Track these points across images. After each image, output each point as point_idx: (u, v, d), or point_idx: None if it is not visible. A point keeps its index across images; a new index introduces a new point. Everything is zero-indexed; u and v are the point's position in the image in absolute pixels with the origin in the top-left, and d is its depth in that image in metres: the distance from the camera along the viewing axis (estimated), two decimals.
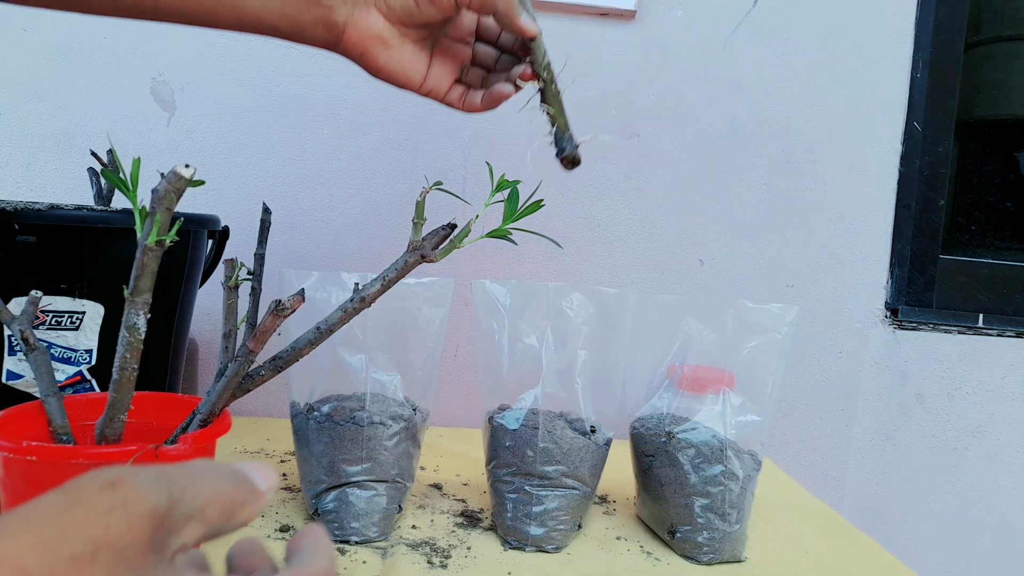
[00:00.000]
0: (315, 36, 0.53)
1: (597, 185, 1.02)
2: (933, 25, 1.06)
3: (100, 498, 0.20)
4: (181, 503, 0.22)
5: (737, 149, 1.04)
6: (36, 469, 0.41)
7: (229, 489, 0.24)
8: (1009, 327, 1.09)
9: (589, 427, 0.64)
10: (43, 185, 0.96)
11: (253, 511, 0.25)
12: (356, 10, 0.52)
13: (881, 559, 0.68)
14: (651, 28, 1.02)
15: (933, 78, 1.06)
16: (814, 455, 1.08)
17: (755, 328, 0.65)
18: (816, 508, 0.80)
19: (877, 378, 1.08)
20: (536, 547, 0.62)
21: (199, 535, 0.23)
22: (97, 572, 0.19)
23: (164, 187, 0.37)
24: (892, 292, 1.08)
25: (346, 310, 0.49)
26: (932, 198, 1.08)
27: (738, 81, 1.03)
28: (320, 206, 1.00)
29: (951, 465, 1.10)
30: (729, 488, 0.63)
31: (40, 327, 0.62)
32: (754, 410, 0.65)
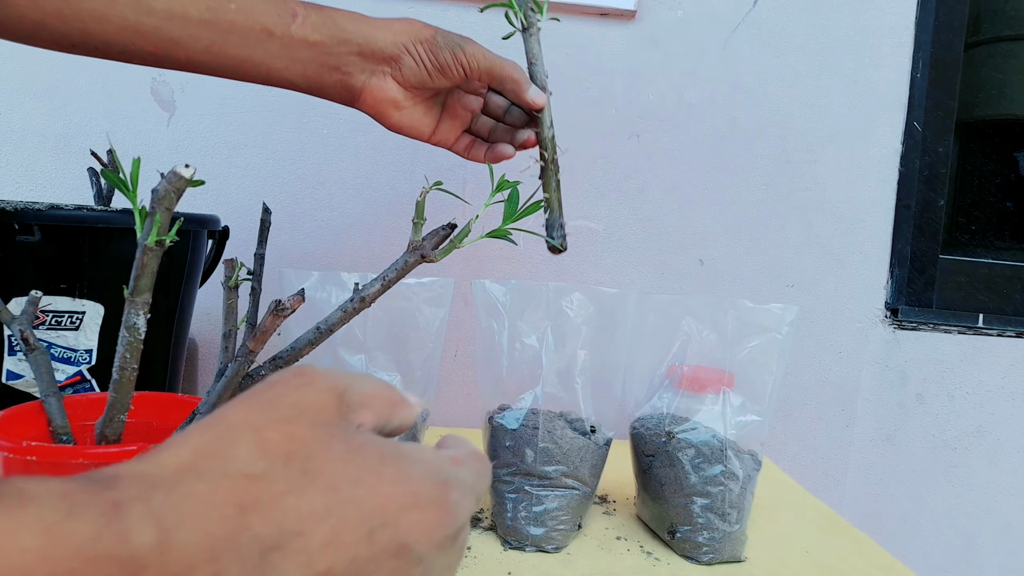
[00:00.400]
0: (333, 95, 0.58)
1: (597, 185, 1.02)
2: (933, 25, 1.06)
3: (293, 380, 0.26)
4: (352, 389, 0.27)
5: (737, 149, 1.04)
6: (36, 469, 0.41)
7: (388, 391, 0.29)
8: (1009, 327, 1.09)
9: (589, 427, 0.64)
10: (43, 185, 0.96)
11: (409, 415, 0.30)
12: (372, 78, 0.57)
13: (881, 559, 0.68)
14: (651, 28, 1.02)
15: (933, 78, 1.06)
16: (814, 455, 1.08)
17: (755, 328, 0.65)
18: (816, 508, 0.80)
19: (877, 378, 1.08)
20: (536, 547, 0.62)
21: (371, 422, 0.28)
22: (302, 427, 0.25)
23: (164, 187, 0.37)
24: (892, 292, 1.08)
25: (346, 310, 0.49)
26: (932, 198, 1.08)
27: (738, 81, 1.03)
28: (320, 206, 1.00)
29: (951, 465, 1.10)
30: (729, 488, 0.63)
31: (40, 327, 0.62)
32: (754, 410, 0.65)
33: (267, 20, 0.53)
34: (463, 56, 0.57)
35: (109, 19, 0.50)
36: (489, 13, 0.81)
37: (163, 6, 0.51)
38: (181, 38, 0.52)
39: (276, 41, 0.54)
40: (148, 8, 0.50)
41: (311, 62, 0.56)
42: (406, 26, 0.57)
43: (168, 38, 0.52)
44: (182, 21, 0.51)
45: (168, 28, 0.51)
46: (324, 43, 0.55)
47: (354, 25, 0.56)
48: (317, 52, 0.55)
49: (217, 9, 0.52)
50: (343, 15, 0.56)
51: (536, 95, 0.58)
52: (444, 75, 0.58)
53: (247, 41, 0.54)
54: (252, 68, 0.55)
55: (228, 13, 0.53)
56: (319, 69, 0.56)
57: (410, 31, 0.57)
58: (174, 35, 0.52)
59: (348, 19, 0.56)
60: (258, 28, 0.53)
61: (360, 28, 0.56)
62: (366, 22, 0.56)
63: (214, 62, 0.54)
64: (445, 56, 0.57)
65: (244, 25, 0.53)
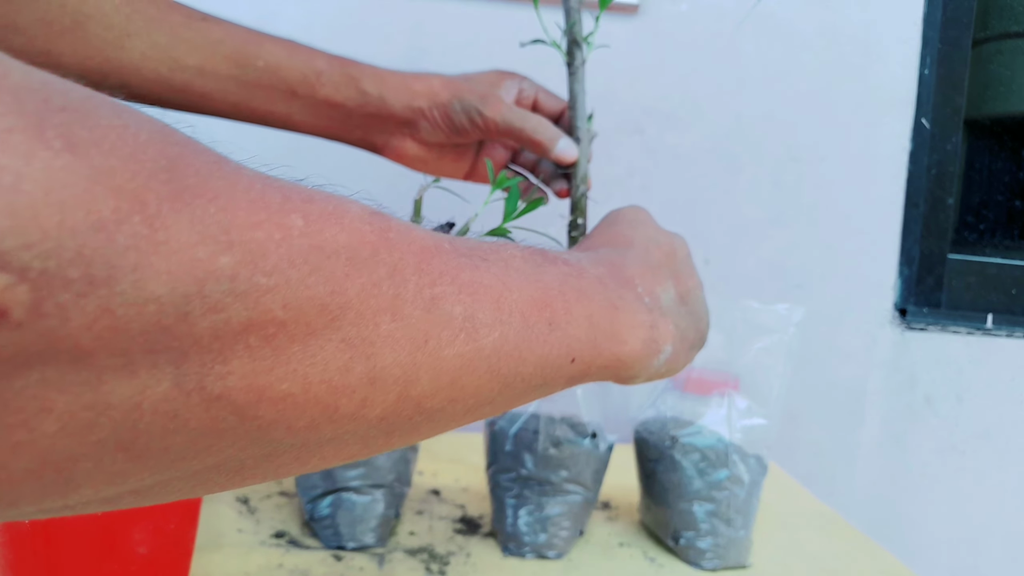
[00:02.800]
0: (357, 146, 0.62)
1: (600, 183, 1.01)
2: (941, 21, 1.05)
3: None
4: None
5: (743, 146, 1.02)
6: None
7: None
8: (1018, 328, 1.08)
9: (591, 431, 0.62)
10: None
11: None
12: (392, 138, 0.60)
13: (889, 564, 0.67)
14: (654, 22, 1.00)
15: (941, 74, 1.05)
16: (821, 459, 1.07)
17: (761, 329, 0.64)
18: (823, 513, 0.79)
19: (885, 380, 1.06)
20: (537, 553, 0.61)
21: None
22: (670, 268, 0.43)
23: None
24: (900, 292, 1.06)
25: None
26: (941, 197, 1.06)
27: (743, 77, 1.02)
28: None
29: (960, 468, 1.08)
30: (734, 493, 0.61)
31: None
32: (760, 413, 0.64)
33: (291, 80, 0.56)
34: (480, 119, 0.58)
35: (144, 74, 0.53)
36: None
37: (194, 62, 0.54)
38: (211, 92, 0.55)
39: (299, 100, 0.57)
40: (180, 64, 0.53)
41: (333, 120, 0.59)
42: (426, 88, 0.59)
43: (199, 92, 0.55)
44: (212, 77, 0.54)
45: (199, 83, 0.54)
46: (344, 105, 0.58)
47: (373, 86, 0.58)
48: (338, 112, 0.58)
49: (245, 66, 0.55)
50: (366, 75, 0.58)
51: (563, 151, 0.58)
52: (462, 137, 0.59)
53: (271, 98, 0.56)
54: (276, 120, 0.58)
55: (255, 71, 0.55)
56: (341, 126, 0.59)
57: (428, 94, 0.58)
58: (205, 89, 0.55)
59: (369, 79, 0.58)
60: (282, 87, 0.56)
61: (379, 90, 0.58)
62: (386, 84, 0.58)
63: (240, 114, 0.57)
64: (461, 120, 0.58)
65: (269, 84, 0.56)
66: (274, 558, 0.56)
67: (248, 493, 0.69)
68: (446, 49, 0.98)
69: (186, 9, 0.56)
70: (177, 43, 0.54)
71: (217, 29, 0.55)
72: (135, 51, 0.52)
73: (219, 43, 0.55)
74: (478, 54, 0.99)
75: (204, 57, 0.54)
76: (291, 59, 0.56)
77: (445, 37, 0.98)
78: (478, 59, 0.99)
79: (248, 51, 0.55)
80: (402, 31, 0.97)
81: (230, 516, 0.63)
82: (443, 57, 0.98)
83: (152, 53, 0.53)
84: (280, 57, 0.56)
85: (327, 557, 0.57)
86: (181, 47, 0.54)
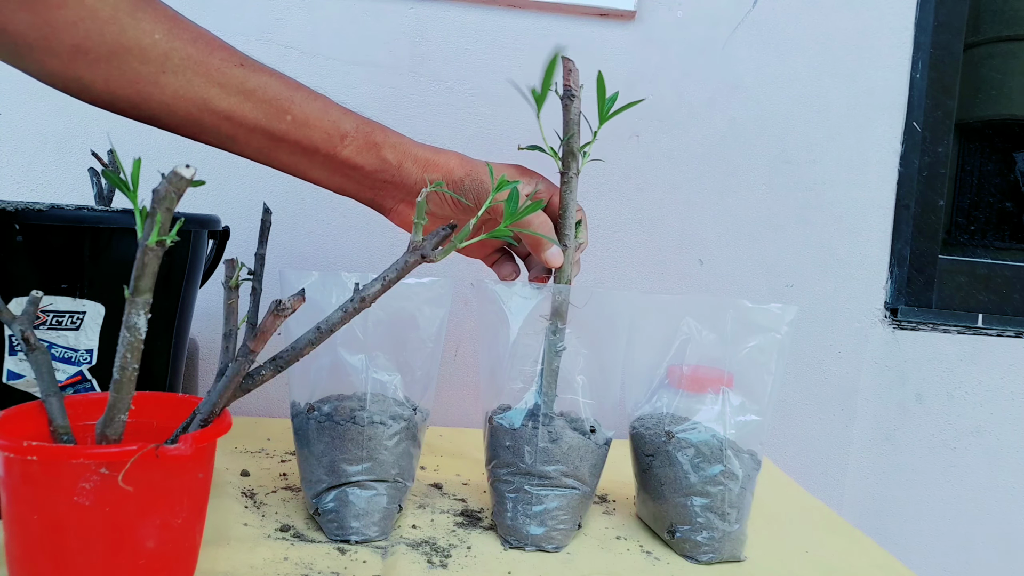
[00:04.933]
0: (365, 204, 0.64)
1: (596, 185, 1.02)
2: (933, 25, 1.06)
3: None
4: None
5: (736, 149, 1.04)
6: (37, 469, 0.41)
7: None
8: (1008, 327, 1.10)
9: (589, 427, 0.64)
10: (44, 185, 0.97)
11: None
12: (400, 204, 0.63)
13: (880, 559, 0.68)
14: (651, 28, 1.02)
15: (932, 78, 1.07)
16: (813, 455, 1.08)
17: (754, 328, 0.65)
18: (815, 508, 0.80)
19: (876, 378, 1.08)
20: (536, 546, 0.62)
21: None
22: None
23: (164, 187, 0.37)
24: (892, 292, 1.08)
25: (346, 310, 0.49)
26: (932, 198, 1.08)
27: (738, 81, 1.03)
28: (320, 207, 1.00)
29: (950, 465, 1.10)
30: (729, 488, 0.63)
31: (40, 327, 0.62)
32: (753, 410, 0.65)
33: (316, 138, 0.57)
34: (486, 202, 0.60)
35: (175, 111, 0.54)
36: None
37: (224, 107, 0.54)
38: (236, 136, 0.56)
39: (321, 157, 0.58)
40: (211, 107, 0.54)
41: (350, 180, 0.60)
42: (443, 164, 0.61)
43: (225, 135, 0.56)
44: (239, 123, 0.55)
45: (226, 127, 0.55)
46: (363, 168, 0.59)
47: (393, 155, 0.60)
48: (356, 174, 0.60)
49: (273, 118, 0.56)
50: (388, 143, 0.60)
51: (552, 256, 0.61)
52: (466, 214, 0.61)
53: (294, 151, 0.58)
54: (294, 171, 0.60)
55: (283, 123, 0.56)
56: (356, 187, 0.61)
57: (444, 170, 0.60)
58: (231, 134, 0.56)
59: (391, 148, 0.60)
60: (306, 143, 0.57)
61: (398, 159, 0.60)
62: (406, 154, 0.60)
63: (262, 159, 0.59)
64: (469, 198, 0.60)
65: (294, 139, 0.57)
66: (280, 551, 0.58)
67: (255, 488, 0.71)
68: (447, 56, 1.00)
69: (226, 51, 0.55)
70: (210, 86, 0.54)
71: (253, 78, 0.55)
72: (168, 88, 0.53)
73: (251, 93, 0.55)
74: (478, 61, 1.01)
75: (234, 104, 0.55)
76: (320, 117, 0.57)
77: (446, 44, 0.99)
78: (478, 66, 1.01)
79: (280, 105, 0.56)
80: (404, 38, 0.99)
81: (236, 510, 0.65)
82: (444, 64, 1.00)
83: (185, 93, 0.53)
84: (309, 113, 0.57)
85: (331, 550, 0.59)
86: (213, 91, 0.54)
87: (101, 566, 0.43)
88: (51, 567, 0.42)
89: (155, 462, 0.41)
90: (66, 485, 0.41)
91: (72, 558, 0.42)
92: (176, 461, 0.44)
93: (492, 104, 1.00)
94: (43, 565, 0.42)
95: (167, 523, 0.45)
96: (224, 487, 0.69)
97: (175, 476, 0.45)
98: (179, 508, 0.46)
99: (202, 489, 0.48)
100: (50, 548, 0.42)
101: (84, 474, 0.41)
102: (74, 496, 0.41)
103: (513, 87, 0.65)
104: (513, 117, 1.00)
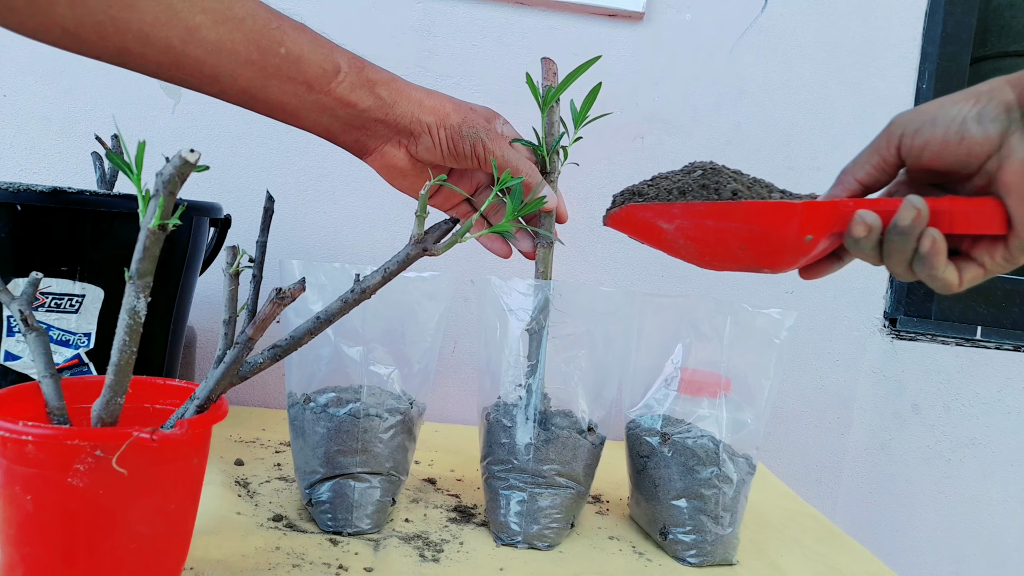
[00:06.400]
0: (345, 146, 0.59)
1: (600, 186, 1.02)
2: (940, 37, 1.06)
3: None
4: None
5: (741, 154, 1.04)
6: (31, 450, 0.41)
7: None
8: (1007, 340, 1.10)
9: (587, 426, 0.64)
10: (46, 168, 0.96)
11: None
12: (386, 144, 0.58)
13: (872, 567, 0.68)
14: (659, 30, 1.02)
15: (939, 89, 1.07)
16: (809, 462, 1.08)
17: (753, 332, 0.65)
18: (809, 514, 0.81)
19: (874, 387, 1.08)
20: (528, 544, 0.62)
21: None
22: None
23: (169, 170, 0.37)
24: (891, 302, 1.08)
25: (346, 301, 0.49)
26: None
27: (744, 86, 1.03)
28: (322, 198, 1.00)
29: (945, 476, 1.10)
30: (722, 491, 0.63)
31: (39, 309, 0.62)
32: (749, 414, 0.65)
33: (310, 72, 0.53)
34: (482, 151, 0.58)
35: (152, 42, 0.47)
36: None
37: (213, 38, 0.48)
38: (221, 74, 0.50)
39: (313, 95, 0.54)
40: (198, 38, 0.48)
41: (337, 120, 0.56)
42: (438, 106, 0.57)
43: (209, 73, 0.50)
44: (228, 56, 0.50)
45: (212, 62, 0.49)
46: (357, 105, 0.55)
47: (388, 93, 0.56)
48: (348, 112, 0.55)
49: (266, 50, 0.51)
50: (381, 80, 0.56)
51: (548, 197, 0.60)
52: (456, 162, 0.58)
53: (285, 89, 0.53)
54: (279, 111, 0.55)
55: (275, 57, 0.51)
56: (344, 126, 0.56)
57: (439, 113, 0.57)
58: (217, 70, 0.50)
59: (384, 85, 0.56)
60: (300, 79, 0.53)
61: (394, 97, 0.56)
62: (400, 93, 0.57)
63: (247, 101, 0.53)
64: (464, 146, 0.57)
65: (287, 74, 0.52)
66: (272, 541, 0.58)
67: (248, 477, 0.70)
68: (454, 52, 0.99)
69: None
70: (195, 13, 0.47)
71: (239, 5, 0.50)
72: (149, 13, 0.46)
73: (241, 22, 0.49)
74: (485, 57, 1.00)
75: (224, 34, 0.49)
76: (313, 52, 0.53)
77: (453, 40, 0.99)
78: (485, 62, 1.01)
79: (272, 36, 0.51)
80: (412, 32, 0.99)
81: (230, 499, 0.64)
82: (450, 59, 1.00)
83: (166, 19, 0.47)
84: (303, 46, 0.52)
85: (324, 541, 0.59)
86: (199, 18, 0.48)
87: (94, 548, 0.43)
88: (44, 548, 0.42)
89: (150, 446, 0.41)
90: (60, 467, 0.41)
91: (65, 540, 0.42)
92: (171, 445, 0.44)
93: (498, 101, 1.00)
94: (36, 546, 0.42)
95: (160, 508, 0.45)
96: (218, 475, 0.69)
97: (170, 461, 0.44)
98: (173, 493, 0.45)
99: (196, 475, 0.48)
100: (43, 529, 0.42)
101: (79, 456, 0.40)
102: (68, 478, 0.41)
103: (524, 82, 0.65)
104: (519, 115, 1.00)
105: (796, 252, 0.47)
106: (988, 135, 0.45)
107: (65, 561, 0.42)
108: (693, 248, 0.52)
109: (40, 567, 0.43)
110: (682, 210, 0.52)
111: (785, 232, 0.47)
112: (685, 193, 0.53)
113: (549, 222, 0.63)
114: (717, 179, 0.52)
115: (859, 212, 0.47)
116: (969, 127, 0.45)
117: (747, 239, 0.48)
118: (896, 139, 0.49)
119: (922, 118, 0.47)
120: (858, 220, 0.47)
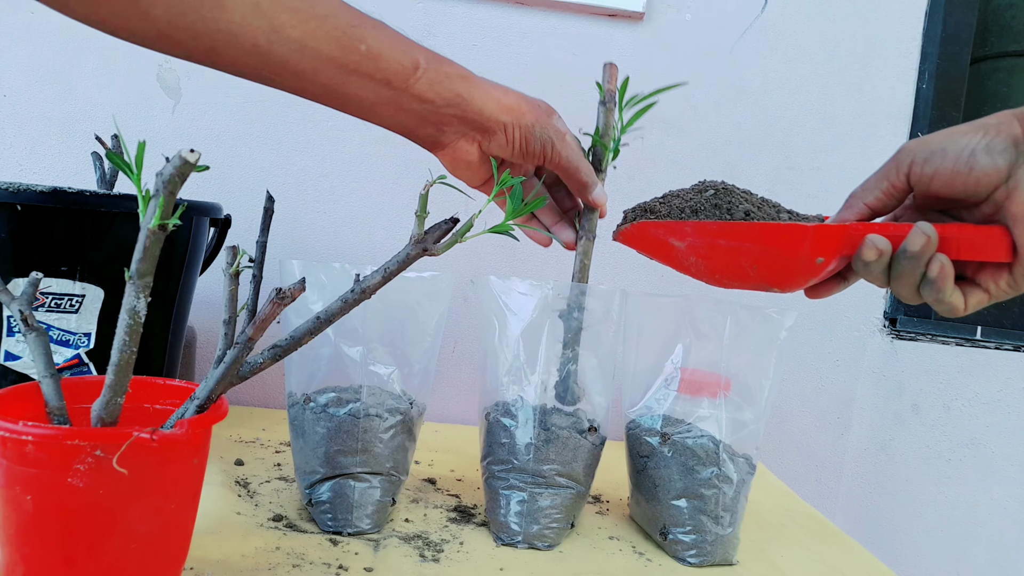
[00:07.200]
0: (419, 141, 0.59)
1: None
2: (940, 37, 1.06)
3: None
4: None
5: (741, 154, 1.04)
6: (31, 450, 0.41)
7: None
8: (1007, 340, 1.10)
9: (588, 425, 0.64)
10: (46, 168, 0.97)
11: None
12: (461, 140, 0.59)
13: (872, 567, 0.68)
14: (659, 30, 1.02)
15: (939, 89, 1.07)
16: (809, 461, 1.08)
17: (753, 332, 0.65)
18: (809, 514, 0.81)
19: (874, 387, 1.08)
20: (528, 544, 0.62)
21: None
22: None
23: (169, 170, 0.37)
24: (891, 302, 1.08)
25: (346, 300, 0.49)
26: None
27: (744, 86, 1.03)
28: (323, 198, 1.00)
29: (944, 476, 1.10)
30: (722, 491, 0.63)
31: (39, 309, 0.62)
32: (749, 414, 0.65)
33: (390, 69, 0.53)
34: (550, 152, 0.59)
35: (240, 42, 0.49)
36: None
37: (297, 35, 0.50)
38: (305, 71, 0.51)
39: (392, 91, 0.54)
40: (283, 37, 0.49)
41: (413, 116, 0.56)
42: (514, 105, 0.58)
43: (292, 69, 0.51)
44: (311, 54, 0.51)
45: (296, 59, 0.50)
46: (434, 101, 0.56)
47: (466, 89, 0.56)
48: (425, 108, 0.56)
49: (347, 48, 0.52)
50: (458, 77, 0.57)
51: (599, 196, 0.64)
52: (523, 159, 0.59)
53: (365, 85, 0.54)
54: (357, 106, 0.55)
55: (356, 54, 0.52)
56: (420, 121, 0.57)
57: (515, 112, 0.58)
58: (300, 67, 0.51)
59: (462, 82, 0.57)
60: (379, 76, 0.53)
61: (471, 94, 0.57)
62: (479, 89, 0.57)
63: (327, 97, 0.54)
64: (535, 146, 0.58)
65: (367, 71, 0.53)
66: (272, 541, 0.57)
67: (248, 478, 0.70)
68: (454, 52, 0.99)
69: None
70: (280, 11, 0.49)
71: (322, 4, 0.51)
72: (236, 12, 0.47)
73: (324, 19, 0.50)
74: (485, 57, 1.00)
75: (307, 32, 0.50)
76: (393, 48, 0.54)
77: (453, 40, 0.99)
78: (485, 62, 1.01)
79: (353, 33, 0.52)
80: (412, 32, 0.98)
81: (230, 499, 0.64)
82: (451, 58, 1.00)
83: (253, 19, 0.48)
84: (383, 43, 0.53)
85: (324, 541, 0.59)
86: (284, 16, 0.49)
87: (94, 548, 0.43)
88: (44, 548, 0.42)
89: (150, 446, 0.41)
90: (60, 467, 0.41)
91: (65, 540, 0.42)
92: (171, 445, 0.44)
93: None
94: (36, 546, 0.42)
95: (160, 508, 0.45)
96: (218, 475, 0.69)
97: (170, 461, 0.44)
98: (173, 493, 0.45)
99: (196, 475, 0.48)
100: (43, 529, 0.42)
101: (79, 456, 0.40)
102: (68, 478, 0.41)
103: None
104: None
105: (806, 273, 0.48)
106: (997, 166, 0.46)
107: (65, 561, 0.42)
108: (704, 266, 0.53)
109: (40, 567, 0.43)
110: (695, 229, 0.53)
111: (797, 253, 0.48)
112: (697, 212, 0.54)
113: (594, 217, 0.65)
114: (729, 199, 0.54)
115: (870, 236, 0.47)
116: (979, 158, 0.47)
117: (759, 259, 0.49)
118: (906, 167, 0.50)
119: (932, 147, 0.49)
120: (869, 244, 0.47)
